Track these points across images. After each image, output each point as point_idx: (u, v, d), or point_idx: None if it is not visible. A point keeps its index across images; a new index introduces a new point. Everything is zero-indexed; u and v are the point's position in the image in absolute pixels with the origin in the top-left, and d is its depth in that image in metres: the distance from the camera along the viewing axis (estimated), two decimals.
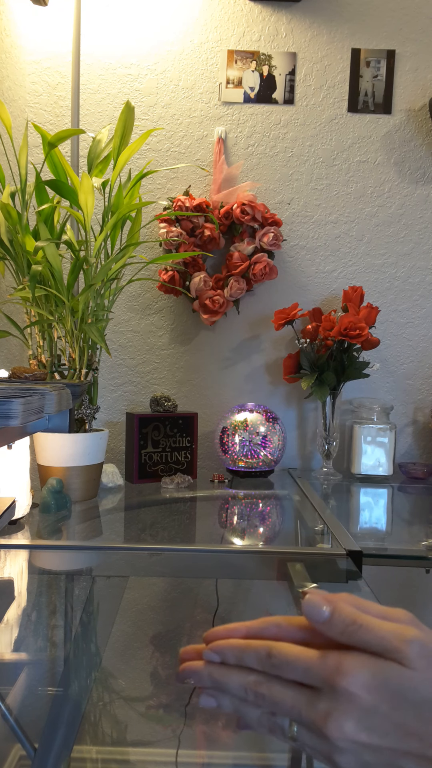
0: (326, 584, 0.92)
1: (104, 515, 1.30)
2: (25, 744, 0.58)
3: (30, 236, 1.33)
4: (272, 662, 0.36)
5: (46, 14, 1.65)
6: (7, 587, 0.94)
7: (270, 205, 1.73)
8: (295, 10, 1.69)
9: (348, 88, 1.72)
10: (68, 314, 1.33)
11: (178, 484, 1.51)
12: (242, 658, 0.37)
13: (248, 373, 1.77)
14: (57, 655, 0.77)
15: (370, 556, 1.01)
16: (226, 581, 0.99)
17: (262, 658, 0.36)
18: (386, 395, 1.78)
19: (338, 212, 1.75)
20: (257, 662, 0.37)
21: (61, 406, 0.66)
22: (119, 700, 0.65)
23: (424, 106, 1.72)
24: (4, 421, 0.51)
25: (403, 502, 1.54)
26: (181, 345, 1.75)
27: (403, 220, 1.75)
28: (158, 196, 1.71)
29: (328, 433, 1.66)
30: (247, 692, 0.37)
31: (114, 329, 1.72)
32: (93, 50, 1.67)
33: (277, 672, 0.36)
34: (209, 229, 1.63)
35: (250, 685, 0.37)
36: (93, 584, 0.99)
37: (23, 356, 1.70)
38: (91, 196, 1.28)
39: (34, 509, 1.24)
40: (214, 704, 0.38)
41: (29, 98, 1.67)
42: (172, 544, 1.11)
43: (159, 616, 0.90)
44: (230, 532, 1.22)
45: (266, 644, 0.37)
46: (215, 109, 1.71)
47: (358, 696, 0.34)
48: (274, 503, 1.43)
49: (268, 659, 0.36)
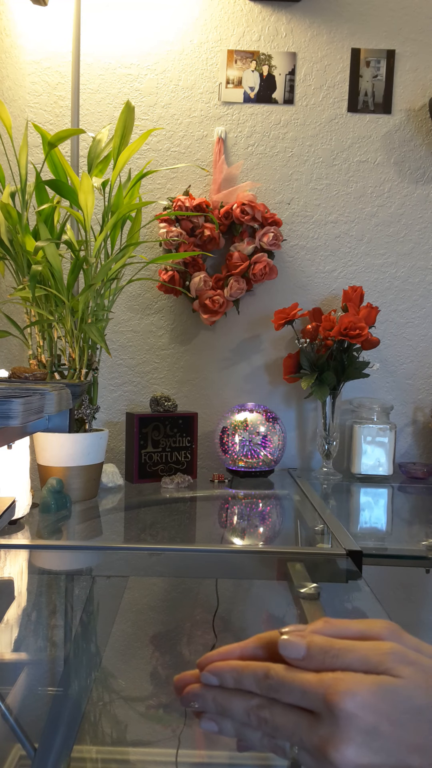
0: (326, 584, 0.92)
1: (104, 515, 1.30)
2: (25, 744, 0.58)
3: (30, 236, 1.33)
4: (269, 684, 0.36)
5: (46, 14, 1.65)
6: (7, 587, 0.94)
7: (270, 205, 1.73)
8: (295, 10, 1.69)
9: (348, 88, 1.72)
10: (68, 314, 1.33)
11: (178, 484, 1.51)
12: (240, 681, 0.37)
13: (248, 373, 1.77)
14: (57, 655, 0.77)
15: (370, 556, 1.01)
16: (226, 581, 0.99)
17: (259, 679, 0.36)
18: (386, 395, 1.78)
19: (338, 212, 1.75)
20: (255, 684, 0.36)
21: (61, 406, 0.66)
22: (119, 700, 0.65)
23: (424, 106, 1.72)
24: (4, 421, 0.51)
25: (403, 502, 1.54)
26: (181, 345, 1.75)
27: (403, 220, 1.75)
28: (158, 196, 1.71)
29: (328, 433, 1.66)
30: (250, 716, 0.36)
31: (114, 329, 1.72)
32: (93, 50, 1.67)
33: (274, 694, 0.36)
34: (209, 229, 1.63)
35: (252, 709, 0.36)
36: (93, 584, 0.99)
37: (23, 356, 1.70)
38: (91, 196, 1.28)
39: (34, 509, 1.24)
40: (216, 729, 0.38)
41: (29, 98, 1.68)
42: (172, 544, 1.11)
43: (159, 616, 0.90)
44: (230, 532, 1.22)
45: (264, 666, 0.37)
46: (215, 109, 1.71)
47: (357, 717, 0.33)
48: (274, 503, 1.43)
49: (265, 680, 0.36)
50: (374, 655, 0.35)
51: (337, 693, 0.33)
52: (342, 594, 0.93)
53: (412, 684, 0.34)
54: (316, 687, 0.34)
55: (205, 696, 0.38)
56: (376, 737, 0.33)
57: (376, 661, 0.35)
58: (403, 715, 0.34)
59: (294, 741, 0.35)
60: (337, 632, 0.37)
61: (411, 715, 0.34)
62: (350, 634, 0.37)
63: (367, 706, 0.33)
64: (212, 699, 0.38)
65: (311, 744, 0.34)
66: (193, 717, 0.39)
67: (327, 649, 0.36)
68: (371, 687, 0.34)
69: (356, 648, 0.35)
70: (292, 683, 0.35)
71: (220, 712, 0.38)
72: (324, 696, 0.34)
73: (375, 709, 0.33)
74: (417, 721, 0.34)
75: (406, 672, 0.34)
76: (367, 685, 0.34)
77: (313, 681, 0.35)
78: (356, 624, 0.38)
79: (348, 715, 0.33)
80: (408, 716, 0.34)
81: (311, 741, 0.34)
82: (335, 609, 0.86)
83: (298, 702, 0.35)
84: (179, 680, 0.39)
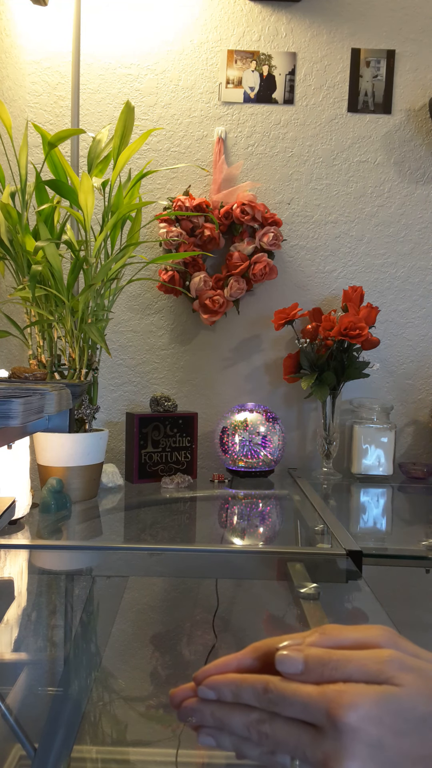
0: (326, 584, 0.92)
1: (104, 515, 1.30)
2: (25, 744, 0.58)
3: (30, 236, 1.33)
4: (269, 697, 0.35)
5: (46, 14, 1.65)
6: (7, 587, 0.94)
7: (270, 205, 1.73)
8: (295, 10, 1.69)
9: (348, 88, 1.72)
10: (68, 314, 1.33)
11: (178, 484, 1.51)
12: (239, 694, 0.36)
13: (248, 373, 1.77)
14: (57, 655, 0.77)
15: (370, 556, 1.01)
16: (226, 581, 0.99)
17: (259, 693, 0.35)
18: (386, 395, 1.78)
19: (338, 212, 1.75)
20: (254, 698, 0.36)
21: (61, 406, 0.66)
22: (119, 700, 0.65)
23: (424, 106, 1.72)
24: (4, 421, 0.51)
25: (403, 502, 1.54)
26: (181, 345, 1.75)
27: (403, 220, 1.75)
28: (158, 196, 1.71)
29: (328, 433, 1.66)
30: (250, 731, 0.36)
31: (114, 329, 1.72)
32: (93, 50, 1.67)
33: (274, 708, 0.35)
34: (209, 229, 1.63)
35: (252, 724, 0.36)
36: (93, 584, 0.99)
37: (23, 356, 1.70)
38: (91, 196, 1.28)
39: (34, 509, 1.24)
40: (214, 743, 0.37)
41: (29, 98, 1.67)
42: (172, 544, 1.11)
43: (159, 616, 0.90)
44: (230, 532, 1.22)
45: (263, 679, 0.36)
46: (215, 109, 1.71)
47: (361, 730, 0.32)
48: (274, 503, 1.43)
49: (264, 694, 0.35)
50: (373, 664, 0.34)
51: (341, 706, 0.33)
52: (342, 594, 0.93)
53: (414, 692, 0.34)
54: (318, 700, 0.34)
55: (202, 710, 0.37)
56: (380, 750, 0.33)
57: (375, 670, 0.34)
58: (407, 725, 0.33)
59: (296, 756, 0.35)
60: (333, 642, 0.36)
61: (414, 725, 0.33)
62: (347, 644, 0.36)
63: (371, 719, 0.33)
64: (210, 714, 0.37)
65: (315, 759, 0.33)
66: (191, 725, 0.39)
67: (325, 661, 0.35)
68: (374, 698, 0.33)
69: (355, 658, 0.35)
70: (293, 697, 0.34)
71: (218, 726, 0.37)
72: (327, 710, 0.33)
73: (379, 721, 0.33)
74: (421, 731, 0.33)
75: (407, 679, 0.34)
76: (370, 697, 0.33)
77: (314, 694, 0.34)
78: (352, 632, 0.37)
79: (352, 729, 0.32)
80: (411, 726, 0.33)
81: (315, 756, 0.33)
82: (335, 609, 0.86)
83: (299, 716, 0.34)
84: (175, 694, 0.39)
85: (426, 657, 0.36)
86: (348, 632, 0.37)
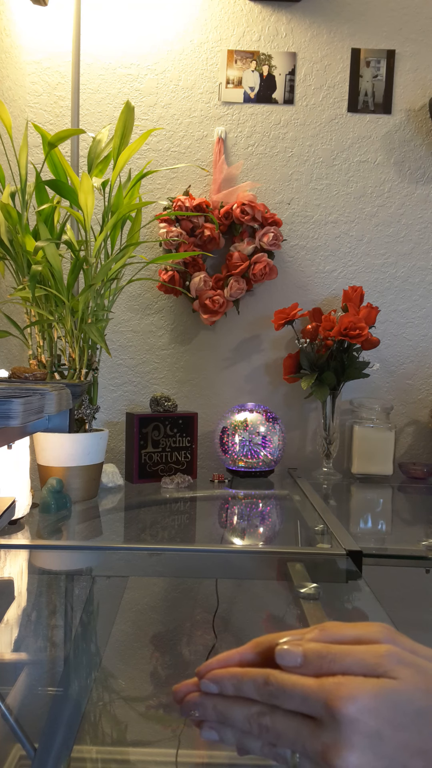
0: (326, 584, 0.92)
1: (104, 515, 1.30)
2: (25, 744, 0.58)
3: (30, 236, 1.33)
4: (269, 690, 0.36)
5: (46, 14, 1.65)
6: (7, 587, 0.94)
7: (270, 205, 1.73)
8: (295, 10, 1.69)
9: (348, 88, 1.72)
10: (68, 314, 1.33)
11: (178, 484, 1.51)
12: (240, 688, 0.37)
13: (248, 373, 1.77)
14: (57, 655, 0.77)
15: (370, 556, 1.01)
16: (226, 581, 0.99)
17: (259, 686, 0.36)
18: (386, 395, 1.78)
19: (338, 212, 1.75)
20: (255, 691, 0.36)
21: (61, 406, 0.66)
22: (119, 700, 0.65)
23: (424, 106, 1.72)
24: (4, 421, 0.51)
25: (403, 502, 1.54)
26: (181, 345, 1.75)
27: (403, 220, 1.75)
28: (158, 196, 1.71)
29: (328, 433, 1.66)
30: (251, 724, 0.36)
31: (114, 329, 1.72)
32: (93, 50, 1.67)
33: (274, 701, 0.36)
34: (209, 229, 1.63)
35: (253, 717, 0.36)
36: (93, 584, 0.99)
37: (23, 356, 1.70)
38: (91, 196, 1.28)
39: (34, 509, 1.24)
40: (216, 737, 0.38)
41: (29, 98, 1.68)
42: (172, 544, 1.11)
43: (159, 616, 0.90)
44: (230, 532, 1.22)
45: (263, 672, 0.36)
46: (215, 109, 1.71)
47: (360, 722, 0.33)
48: (274, 503, 1.43)
49: (265, 687, 0.36)
50: (371, 657, 0.35)
51: (339, 698, 0.33)
52: (342, 594, 0.93)
53: (411, 686, 0.34)
54: (317, 693, 0.34)
55: (205, 704, 0.38)
56: (378, 742, 0.33)
57: (373, 663, 0.35)
58: (405, 718, 0.34)
59: (296, 748, 0.35)
60: (332, 638, 0.37)
61: (412, 718, 0.34)
62: (346, 640, 0.37)
63: (369, 711, 0.33)
64: (212, 707, 0.38)
65: (314, 751, 0.34)
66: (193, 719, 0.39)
67: (324, 654, 0.35)
68: (372, 691, 0.34)
69: (353, 651, 0.35)
70: (293, 689, 0.35)
71: (220, 720, 0.38)
72: (325, 702, 0.34)
73: (377, 713, 0.33)
74: (418, 724, 0.34)
75: (404, 673, 0.34)
76: (367, 689, 0.34)
77: (313, 686, 0.34)
78: (351, 629, 0.38)
79: (350, 720, 0.33)
80: (409, 719, 0.34)
81: (314, 748, 0.34)
82: (335, 609, 0.86)
83: (298, 708, 0.35)
84: (178, 689, 0.39)
85: (424, 653, 0.37)
86: (347, 629, 0.38)
